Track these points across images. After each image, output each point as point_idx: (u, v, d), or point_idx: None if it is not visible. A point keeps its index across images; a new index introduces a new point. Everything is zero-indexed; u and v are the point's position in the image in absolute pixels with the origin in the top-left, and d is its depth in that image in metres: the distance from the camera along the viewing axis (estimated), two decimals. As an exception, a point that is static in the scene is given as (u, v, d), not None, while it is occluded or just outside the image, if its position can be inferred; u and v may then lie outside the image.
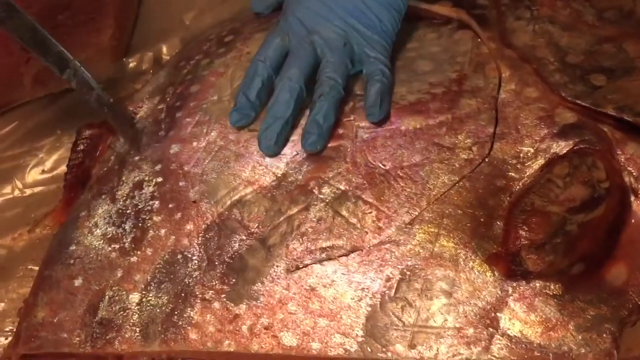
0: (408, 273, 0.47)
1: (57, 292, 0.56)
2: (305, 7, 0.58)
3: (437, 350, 0.44)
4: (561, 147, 0.48)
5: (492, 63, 0.55)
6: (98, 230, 0.57)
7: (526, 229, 0.46)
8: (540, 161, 0.48)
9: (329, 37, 0.56)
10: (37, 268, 0.63)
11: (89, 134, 0.66)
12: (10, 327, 0.61)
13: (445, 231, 0.47)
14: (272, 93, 0.56)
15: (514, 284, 0.44)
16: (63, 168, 0.69)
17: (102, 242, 0.56)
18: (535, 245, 0.45)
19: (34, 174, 0.71)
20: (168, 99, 0.63)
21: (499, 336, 0.43)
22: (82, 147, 0.66)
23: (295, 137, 0.55)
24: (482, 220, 0.47)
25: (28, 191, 0.71)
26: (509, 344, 0.43)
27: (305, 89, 0.55)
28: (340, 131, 0.54)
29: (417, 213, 0.49)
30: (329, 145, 0.54)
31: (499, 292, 0.44)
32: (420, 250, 0.47)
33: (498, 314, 0.44)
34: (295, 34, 0.58)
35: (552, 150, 0.49)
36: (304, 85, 0.55)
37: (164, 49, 0.78)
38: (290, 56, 0.57)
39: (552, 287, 0.44)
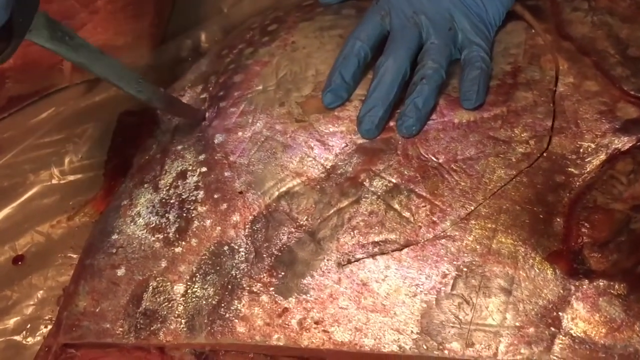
0: (465, 269, 0.45)
1: (100, 282, 0.55)
2: None
3: (496, 349, 0.43)
4: (623, 142, 0.47)
5: (548, 54, 0.53)
6: (141, 220, 0.56)
7: (588, 226, 0.44)
8: (602, 157, 0.47)
9: (435, 19, 0.55)
10: (76, 256, 0.63)
11: (130, 122, 0.65)
12: (50, 316, 0.61)
13: (502, 227, 0.46)
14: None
15: (577, 283, 0.43)
16: (101, 155, 0.68)
17: (145, 231, 0.56)
18: (598, 243, 0.44)
19: (72, 161, 0.71)
20: (211, 88, 0.62)
21: (561, 336, 0.42)
22: (122, 135, 0.65)
23: (344, 128, 0.54)
24: (541, 216, 0.46)
25: (66, 178, 0.70)
26: (572, 344, 0.41)
27: (409, 71, 0.54)
28: (391, 123, 0.53)
29: (472, 208, 0.47)
30: (379, 137, 0.53)
31: (561, 291, 0.43)
32: (477, 247, 0.46)
33: (560, 313, 0.42)
34: (398, 12, 0.56)
35: (613, 146, 0.47)
36: (409, 67, 0.53)
37: (203, 37, 0.77)
38: (395, 36, 0.55)
39: (616, 286, 0.42)
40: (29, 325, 0.61)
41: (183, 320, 0.50)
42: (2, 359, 0.59)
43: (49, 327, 0.60)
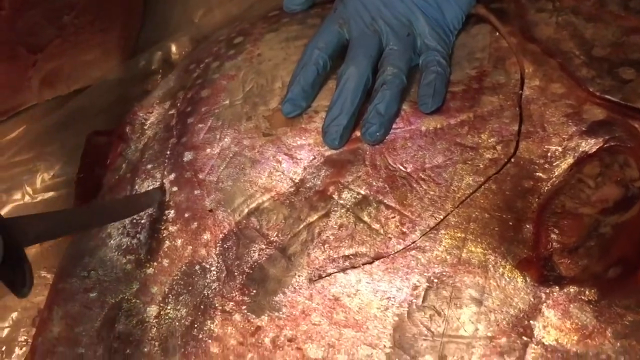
0: (435, 281, 0.45)
1: (73, 306, 0.55)
2: None
3: (469, 361, 0.42)
4: (590, 145, 0.46)
5: (513, 57, 0.53)
6: (112, 242, 0.56)
7: (557, 232, 0.44)
8: (569, 160, 0.47)
9: (394, 25, 0.54)
10: (50, 276, 0.63)
11: (98, 142, 0.65)
12: (25, 337, 0.61)
13: (472, 236, 0.46)
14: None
15: (547, 290, 0.43)
16: (74, 172, 0.67)
17: (116, 253, 0.55)
18: (567, 249, 0.43)
19: (44, 179, 0.70)
20: (179, 104, 0.62)
21: (533, 345, 0.41)
22: (91, 156, 0.64)
23: (311, 140, 0.53)
24: (510, 223, 0.45)
25: (38, 197, 0.69)
26: (544, 352, 0.41)
27: (371, 78, 0.53)
28: (358, 133, 0.52)
29: (441, 216, 0.47)
30: (347, 148, 0.52)
31: (532, 299, 0.43)
32: (447, 257, 0.45)
33: (531, 321, 0.42)
34: (357, 20, 0.56)
35: (581, 149, 0.47)
36: (370, 74, 0.53)
37: (173, 48, 0.76)
38: (355, 43, 0.55)
39: (587, 292, 0.42)
40: (4, 348, 0.61)
41: (156, 343, 0.50)
42: (-22, 383, 0.59)
43: (24, 349, 0.59)
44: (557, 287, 0.43)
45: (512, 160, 0.48)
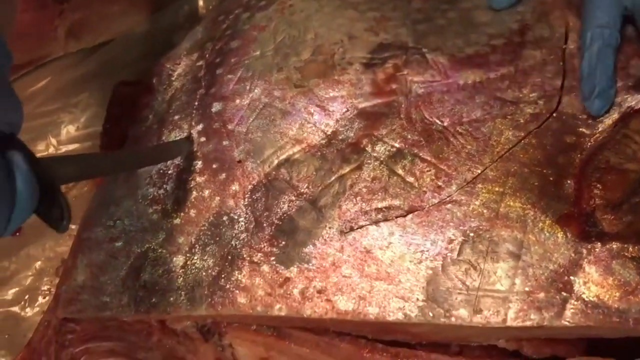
0: (472, 234, 0.44)
1: (98, 255, 0.54)
2: None
3: (505, 315, 0.41)
4: (637, 100, 0.45)
5: (557, 11, 0.51)
6: (138, 192, 0.55)
7: (601, 188, 0.43)
8: (614, 116, 0.45)
9: None
10: (74, 227, 0.62)
11: (125, 93, 0.64)
12: (48, 287, 0.61)
13: (511, 190, 0.44)
14: None
15: (589, 246, 0.41)
16: (98, 125, 0.67)
17: (143, 203, 0.54)
18: (611, 205, 0.42)
19: (68, 131, 0.70)
20: (207, 55, 0.60)
21: (573, 301, 0.40)
22: (118, 106, 0.63)
23: (344, 92, 0.52)
24: (551, 179, 0.44)
25: (63, 148, 0.69)
26: (584, 308, 0.40)
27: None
28: (393, 86, 0.51)
29: (479, 171, 0.46)
30: (381, 101, 0.51)
31: (573, 255, 0.41)
32: (485, 211, 0.44)
33: (572, 277, 0.41)
34: None
35: (626, 104, 0.45)
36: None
37: (200, 2, 0.75)
38: None
39: (630, 249, 0.40)
40: (27, 296, 0.61)
41: (183, 292, 0.49)
42: (2, 330, 0.59)
43: (47, 298, 0.59)
44: (599, 243, 0.41)
45: (554, 115, 0.46)
